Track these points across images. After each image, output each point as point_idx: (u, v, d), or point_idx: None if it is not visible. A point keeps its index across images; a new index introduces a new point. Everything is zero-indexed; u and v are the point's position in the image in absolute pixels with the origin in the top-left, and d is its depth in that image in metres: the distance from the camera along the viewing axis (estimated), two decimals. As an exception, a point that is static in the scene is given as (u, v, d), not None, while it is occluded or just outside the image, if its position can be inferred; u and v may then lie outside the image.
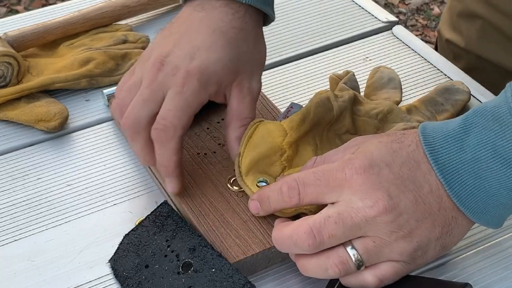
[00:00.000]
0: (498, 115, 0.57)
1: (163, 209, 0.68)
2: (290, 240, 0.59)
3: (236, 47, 0.69)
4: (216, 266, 0.62)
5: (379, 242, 0.58)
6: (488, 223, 0.60)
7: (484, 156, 0.57)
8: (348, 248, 0.58)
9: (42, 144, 0.79)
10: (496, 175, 0.57)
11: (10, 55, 0.82)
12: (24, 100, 0.82)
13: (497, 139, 0.56)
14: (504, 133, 0.56)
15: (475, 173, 0.57)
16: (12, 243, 0.68)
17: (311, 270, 0.60)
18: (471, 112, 0.59)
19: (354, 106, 0.74)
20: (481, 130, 0.57)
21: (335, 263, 0.58)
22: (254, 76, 0.71)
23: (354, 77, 0.82)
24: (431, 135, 0.59)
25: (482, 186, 0.57)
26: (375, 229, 0.57)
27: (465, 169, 0.57)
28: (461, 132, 0.58)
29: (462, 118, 0.59)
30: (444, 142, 0.58)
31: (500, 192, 0.57)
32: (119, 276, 0.64)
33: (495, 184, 0.57)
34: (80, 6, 0.98)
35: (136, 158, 0.76)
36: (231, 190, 0.68)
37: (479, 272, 0.65)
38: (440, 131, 0.59)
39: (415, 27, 2.68)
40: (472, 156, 0.57)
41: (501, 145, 0.56)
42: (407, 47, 0.93)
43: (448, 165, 0.58)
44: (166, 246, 0.65)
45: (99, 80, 0.86)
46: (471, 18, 0.99)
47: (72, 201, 0.72)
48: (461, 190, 0.58)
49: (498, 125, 0.57)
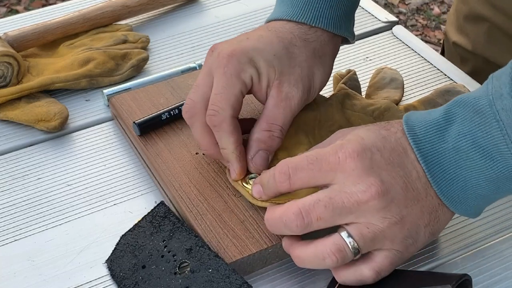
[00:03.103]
0: (479, 107, 0.58)
1: (160, 210, 0.68)
2: (280, 221, 0.60)
3: (286, 46, 0.69)
4: (213, 266, 0.62)
5: (373, 228, 0.58)
6: (466, 213, 0.61)
7: (464, 147, 0.58)
8: (344, 235, 0.58)
9: (42, 144, 0.79)
10: (476, 165, 0.58)
11: (10, 55, 0.82)
12: (24, 100, 0.82)
13: (477, 131, 0.57)
14: (484, 125, 0.57)
15: (455, 163, 0.58)
16: (12, 243, 0.68)
17: (307, 260, 0.60)
18: (453, 103, 0.60)
19: (349, 101, 0.74)
20: (462, 121, 0.58)
21: (332, 251, 0.58)
22: (297, 85, 0.68)
23: (356, 76, 0.82)
24: (415, 124, 0.60)
25: (461, 176, 0.58)
26: (367, 214, 0.57)
27: (446, 158, 0.58)
28: (443, 122, 0.59)
29: (445, 107, 0.60)
30: (426, 132, 0.59)
31: (479, 183, 0.58)
32: (116, 277, 0.64)
33: (474, 174, 0.58)
34: (80, 6, 0.98)
35: (136, 158, 0.77)
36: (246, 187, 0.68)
37: (479, 272, 0.65)
38: (423, 121, 0.60)
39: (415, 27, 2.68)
40: (453, 146, 0.58)
41: (481, 136, 0.57)
42: (407, 47, 0.93)
43: (430, 154, 0.59)
44: (163, 246, 0.65)
45: (99, 80, 0.86)
46: (477, 21, 0.98)
47: (72, 201, 0.72)
48: (441, 179, 0.59)
49: (478, 117, 0.57)
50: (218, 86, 0.66)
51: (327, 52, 0.72)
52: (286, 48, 0.68)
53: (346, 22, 0.73)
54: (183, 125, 0.76)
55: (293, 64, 0.68)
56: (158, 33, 0.95)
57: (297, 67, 0.68)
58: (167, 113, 0.76)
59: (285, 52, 0.68)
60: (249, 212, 0.67)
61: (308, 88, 0.69)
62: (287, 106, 0.68)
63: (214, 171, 0.71)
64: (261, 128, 0.67)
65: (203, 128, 0.68)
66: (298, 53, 0.69)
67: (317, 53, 0.70)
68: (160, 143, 0.74)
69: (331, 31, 0.71)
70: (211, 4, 1.01)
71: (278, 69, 0.67)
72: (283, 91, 0.67)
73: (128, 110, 0.79)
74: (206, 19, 0.99)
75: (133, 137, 0.76)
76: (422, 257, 0.66)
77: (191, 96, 0.68)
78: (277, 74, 0.67)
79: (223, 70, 0.66)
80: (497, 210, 0.71)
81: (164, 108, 0.77)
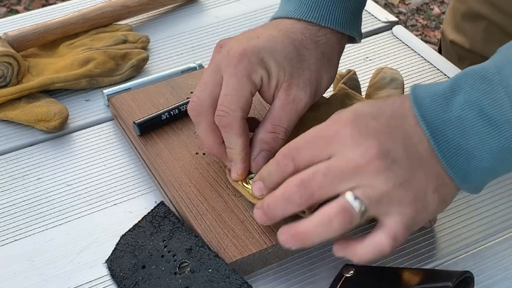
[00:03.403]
0: (486, 75, 0.57)
1: (160, 210, 0.68)
2: (282, 198, 0.59)
3: (297, 48, 0.68)
4: (213, 266, 0.62)
5: (377, 190, 0.56)
6: (470, 188, 0.59)
7: (470, 115, 0.57)
8: (348, 195, 0.57)
9: (42, 144, 0.79)
10: (480, 134, 0.57)
11: (10, 55, 0.82)
12: (24, 100, 0.82)
13: (484, 98, 0.57)
14: (490, 92, 0.56)
15: (459, 132, 0.57)
16: (12, 243, 0.68)
17: (313, 231, 0.58)
18: (460, 73, 0.59)
19: (349, 101, 0.74)
20: (468, 89, 0.57)
21: (338, 211, 0.56)
22: (305, 88, 0.68)
23: (355, 76, 0.82)
24: (421, 95, 0.59)
25: (465, 145, 0.57)
26: (369, 177, 0.56)
27: (450, 127, 0.57)
28: (449, 92, 0.58)
29: (452, 79, 0.59)
30: (432, 101, 0.58)
31: (482, 154, 0.57)
32: (116, 277, 0.64)
33: (478, 144, 0.57)
34: (80, 6, 0.98)
35: (136, 158, 0.77)
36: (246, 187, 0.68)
37: (479, 272, 0.65)
38: (429, 91, 0.59)
39: (415, 27, 2.68)
40: (458, 114, 0.57)
41: (487, 104, 0.56)
42: (407, 47, 0.93)
43: (434, 122, 0.58)
44: (163, 246, 0.65)
45: (99, 80, 0.86)
46: (475, 19, 0.98)
47: (72, 201, 0.72)
48: (445, 148, 0.58)
49: (485, 85, 0.57)
50: (228, 86, 0.66)
51: (335, 55, 0.72)
52: (297, 49, 0.68)
53: (355, 22, 0.73)
54: (183, 125, 0.76)
55: (303, 66, 0.68)
56: (158, 33, 0.95)
57: (307, 70, 0.68)
58: (167, 113, 0.76)
59: (296, 54, 0.68)
60: (249, 212, 0.67)
61: (315, 91, 0.69)
62: (294, 109, 0.67)
63: (214, 171, 0.71)
64: (266, 129, 0.67)
65: (209, 127, 0.67)
66: (308, 56, 0.69)
67: (325, 55, 0.70)
68: (160, 143, 0.74)
69: (340, 30, 0.71)
70: (211, 4, 1.01)
71: (288, 71, 0.67)
72: (291, 93, 0.67)
73: (128, 110, 0.79)
74: (206, 19, 0.99)
75: (133, 137, 0.76)
76: (422, 257, 0.66)
77: (198, 94, 0.67)
78: (287, 76, 0.67)
79: (233, 70, 0.65)
80: (497, 210, 0.71)
81: (164, 108, 0.77)
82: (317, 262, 0.66)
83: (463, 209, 0.71)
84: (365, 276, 0.63)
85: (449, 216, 0.70)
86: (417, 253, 0.67)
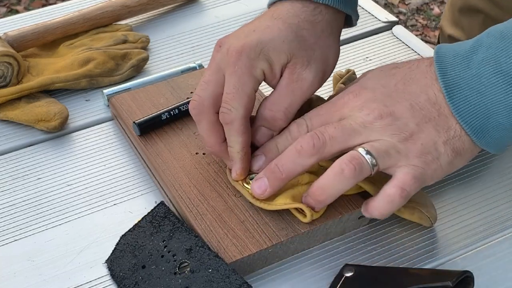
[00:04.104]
0: (505, 33, 0.59)
1: (160, 210, 0.68)
2: (294, 150, 0.62)
3: (295, 31, 0.68)
4: (213, 266, 0.62)
5: (384, 143, 0.61)
6: (489, 146, 0.62)
7: (487, 72, 0.59)
8: (359, 149, 0.61)
9: (42, 144, 0.79)
10: (497, 91, 0.58)
11: (10, 55, 0.82)
12: (24, 100, 0.82)
13: (501, 56, 0.58)
14: (507, 49, 0.58)
15: (477, 89, 0.59)
16: (12, 243, 0.68)
17: (328, 183, 0.61)
18: (484, 33, 0.62)
19: None
20: (487, 48, 0.59)
21: (348, 160, 0.60)
22: (310, 66, 0.67)
23: (355, 76, 0.82)
24: (444, 54, 0.62)
25: (482, 102, 0.59)
26: (376, 133, 0.61)
27: (468, 84, 0.60)
28: (470, 52, 0.61)
29: (475, 38, 0.62)
30: (454, 60, 0.61)
31: (500, 110, 0.59)
32: (115, 277, 0.64)
33: (495, 100, 0.59)
34: (80, 6, 0.98)
35: (136, 158, 0.77)
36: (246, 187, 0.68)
37: (479, 272, 0.65)
38: (452, 51, 0.62)
39: (415, 27, 2.68)
40: (476, 72, 0.59)
41: (504, 62, 0.58)
42: (407, 47, 0.93)
43: (453, 80, 0.60)
44: (162, 246, 0.65)
45: (99, 80, 0.86)
46: (472, 13, 0.99)
47: (72, 201, 0.72)
48: (462, 105, 0.60)
49: (503, 42, 0.59)
50: (229, 85, 0.66)
51: (334, 31, 0.71)
52: (295, 32, 0.68)
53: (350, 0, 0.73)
54: (183, 125, 0.76)
55: (304, 47, 0.68)
56: (158, 33, 0.95)
57: (309, 50, 0.68)
58: (167, 113, 0.76)
59: (295, 37, 0.67)
60: (249, 212, 0.67)
61: (322, 70, 0.69)
62: (297, 88, 0.67)
63: (214, 171, 0.71)
64: (266, 107, 0.68)
65: (210, 125, 0.68)
66: (308, 36, 0.68)
67: (325, 32, 0.70)
68: (160, 143, 0.74)
69: (335, 6, 0.70)
70: (211, 4, 1.01)
71: (289, 53, 0.67)
72: (295, 72, 0.67)
73: (128, 110, 0.79)
74: (206, 19, 0.99)
75: (133, 137, 0.76)
76: (422, 257, 0.66)
77: (199, 93, 0.68)
78: (290, 58, 0.67)
79: (234, 69, 0.66)
80: (497, 210, 0.71)
81: (164, 108, 0.77)
82: (317, 262, 0.66)
83: (463, 209, 0.71)
84: (365, 276, 0.63)
85: (449, 216, 0.70)
86: (417, 253, 0.67)
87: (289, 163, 0.63)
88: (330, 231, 0.67)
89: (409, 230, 0.69)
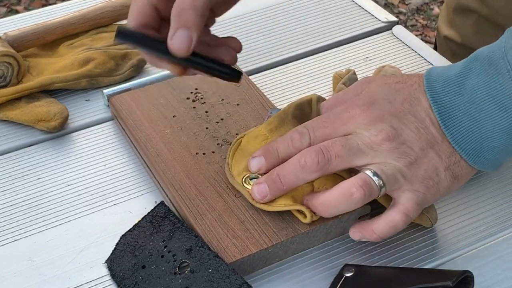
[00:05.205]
0: (493, 60, 0.60)
1: (160, 210, 0.68)
2: (298, 164, 0.62)
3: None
4: (213, 266, 0.62)
5: (390, 166, 0.61)
6: (484, 166, 0.63)
7: (479, 99, 0.59)
8: (367, 171, 0.61)
9: (42, 144, 0.79)
10: (490, 117, 0.59)
11: (10, 55, 0.82)
12: (24, 100, 0.82)
13: (491, 82, 0.59)
14: (497, 76, 0.59)
15: (470, 115, 0.60)
16: (12, 243, 0.68)
17: (334, 202, 0.61)
18: (471, 57, 0.62)
19: None
20: (477, 74, 0.60)
21: (359, 184, 0.60)
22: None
23: (355, 75, 0.82)
24: (434, 79, 0.62)
25: (476, 128, 0.60)
26: (382, 155, 0.61)
27: (461, 110, 0.60)
28: (460, 77, 0.61)
29: (464, 62, 0.62)
30: (445, 86, 0.61)
31: (494, 135, 0.60)
32: (115, 277, 0.64)
33: (489, 126, 0.60)
34: (80, 6, 0.98)
35: (136, 158, 0.77)
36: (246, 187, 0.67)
37: (479, 272, 0.65)
38: (442, 76, 0.62)
39: (415, 27, 2.68)
40: (468, 98, 0.60)
41: (495, 88, 0.59)
42: (407, 47, 0.93)
43: (446, 107, 0.61)
44: (163, 246, 0.65)
45: (99, 80, 0.86)
46: (465, 13, 1.00)
47: (72, 201, 0.72)
48: (457, 132, 0.61)
49: (492, 69, 0.59)
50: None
51: None
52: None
53: None
54: (183, 125, 0.76)
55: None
56: (158, 33, 0.95)
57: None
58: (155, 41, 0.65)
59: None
60: (249, 212, 0.67)
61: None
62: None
63: (214, 171, 0.71)
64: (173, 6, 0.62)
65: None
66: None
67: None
68: (160, 143, 0.74)
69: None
70: (211, 4, 1.01)
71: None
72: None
73: (128, 110, 0.79)
74: (206, 19, 0.98)
75: (133, 137, 0.76)
76: (422, 257, 0.66)
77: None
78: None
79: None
80: (497, 210, 0.71)
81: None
82: (317, 262, 0.66)
83: (463, 209, 0.71)
84: (365, 276, 0.63)
85: (449, 216, 0.70)
86: (417, 253, 0.67)
87: (291, 176, 0.63)
88: (330, 231, 0.67)
89: (409, 230, 0.69)
